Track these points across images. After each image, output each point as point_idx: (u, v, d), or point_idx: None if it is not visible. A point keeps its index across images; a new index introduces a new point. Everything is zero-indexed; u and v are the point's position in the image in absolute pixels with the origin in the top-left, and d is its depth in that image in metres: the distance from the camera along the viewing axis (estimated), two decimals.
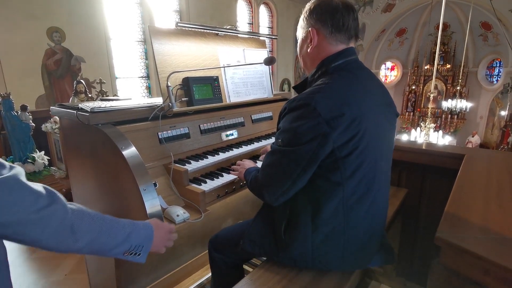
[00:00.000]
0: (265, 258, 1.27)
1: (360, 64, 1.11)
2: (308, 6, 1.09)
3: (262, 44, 2.14)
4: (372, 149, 1.02)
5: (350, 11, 1.04)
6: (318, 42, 1.07)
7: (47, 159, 3.63)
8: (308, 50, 1.11)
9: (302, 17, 1.11)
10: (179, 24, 1.58)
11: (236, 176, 1.50)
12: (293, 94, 1.34)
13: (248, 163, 1.43)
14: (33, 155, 3.50)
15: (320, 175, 1.01)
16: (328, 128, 0.92)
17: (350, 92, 0.99)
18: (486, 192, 1.22)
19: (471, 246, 0.84)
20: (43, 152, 3.64)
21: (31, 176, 3.44)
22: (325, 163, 0.98)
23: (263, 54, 2.04)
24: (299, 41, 1.18)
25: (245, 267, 1.86)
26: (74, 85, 4.42)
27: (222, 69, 1.77)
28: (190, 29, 1.66)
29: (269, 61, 1.57)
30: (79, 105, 1.40)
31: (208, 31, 1.75)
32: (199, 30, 1.71)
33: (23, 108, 3.47)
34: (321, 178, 1.01)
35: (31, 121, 3.53)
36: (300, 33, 1.15)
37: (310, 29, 1.07)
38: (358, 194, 1.04)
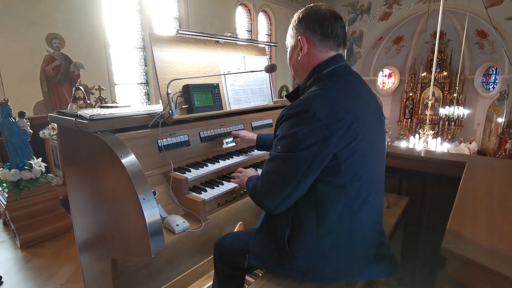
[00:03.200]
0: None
1: (351, 70, 1.12)
2: (296, 15, 1.12)
3: (262, 52, 2.14)
4: (369, 152, 1.03)
5: (337, 19, 1.07)
6: (308, 50, 1.09)
7: (44, 165, 3.59)
8: (299, 58, 1.12)
9: (291, 26, 1.14)
10: (180, 32, 1.58)
11: (236, 184, 1.48)
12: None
13: (250, 171, 1.41)
14: (30, 162, 3.46)
15: (321, 180, 1.00)
16: (328, 132, 0.93)
17: (344, 97, 1.01)
18: (489, 201, 1.21)
19: (479, 258, 0.83)
20: (40, 159, 3.60)
21: (28, 183, 3.39)
22: (326, 167, 0.98)
23: (263, 61, 2.04)
24: (288, 49, 1.19)
25: (247, 277, 1.82)
26: (73, 92, 4.42)
27: (222, 76, 1.77)
28: (190, 36, 1.66)
29: (270, 69, 1.57)
30: (78, 112, 1.38)
31: (208, 38, 1.75)
32: (200, 37, 1.70)
33: (21, 114, 3.43)
34: (323, 183, 1.00)
35: (28, 127, 3.50)
36: (289, 41, 1.17)
37: (300, 37, 1.10)
38: (362, 198, 1.03)
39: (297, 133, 0.95)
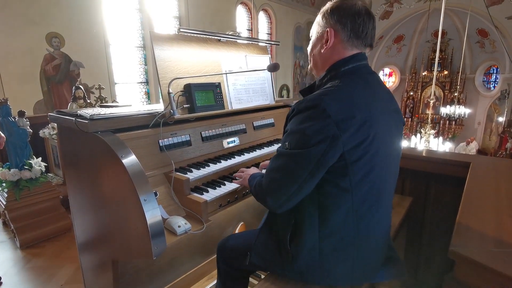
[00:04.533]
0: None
1: (370, 69, 1.08)
2: (329, 4, 1.05)
3: (263, 50, 2.12)
4: (382, 155, 0.99)
5: (371, 19, 1.02)
6: (334, 44, 1.04)
7: (44, 165, 3.57)
8: (322, 51, 1.07)
9: (321, 14, 1.07)
10: (181, 30, 1.56)
11: (238, 185, 1.47)
12: (294, 100, 1.32)
13: (253, 170, 1.39)
14: (30, 161, 3.44)
15: (328, 180, 0.97)
16: (337, 130, 0.89)
17: (360, 95, 0.96)
18: (496, 202, 1.19)
19: (487, 261, 0.81)
20: (40, 159, 3.58)
21: (27, 183, 3.37)
22: (334, 168, 0.94)
23: (265, 60, 2.02)
24: (312, 38, 1.13)
25: (250, 279, 1.81)
26: (73, 91, 4.39)
27: (224, 75, 1.75)
28: (192, 35, 1.64)
29: (272, 68, 1.54)
30: (78, 112, 1.36)
31: (210, 37, 1.73)
32: (201, 36, 1.68)
33: (21, 114, 3.41)
34: (329, 184, 0.97)
35: (28, 127, 3.47)
36: (315, 30, 1.11)
37: (328, 29, 1.04)
38: (369, 203, 1.00)
39: (306, 129, 0.91)
